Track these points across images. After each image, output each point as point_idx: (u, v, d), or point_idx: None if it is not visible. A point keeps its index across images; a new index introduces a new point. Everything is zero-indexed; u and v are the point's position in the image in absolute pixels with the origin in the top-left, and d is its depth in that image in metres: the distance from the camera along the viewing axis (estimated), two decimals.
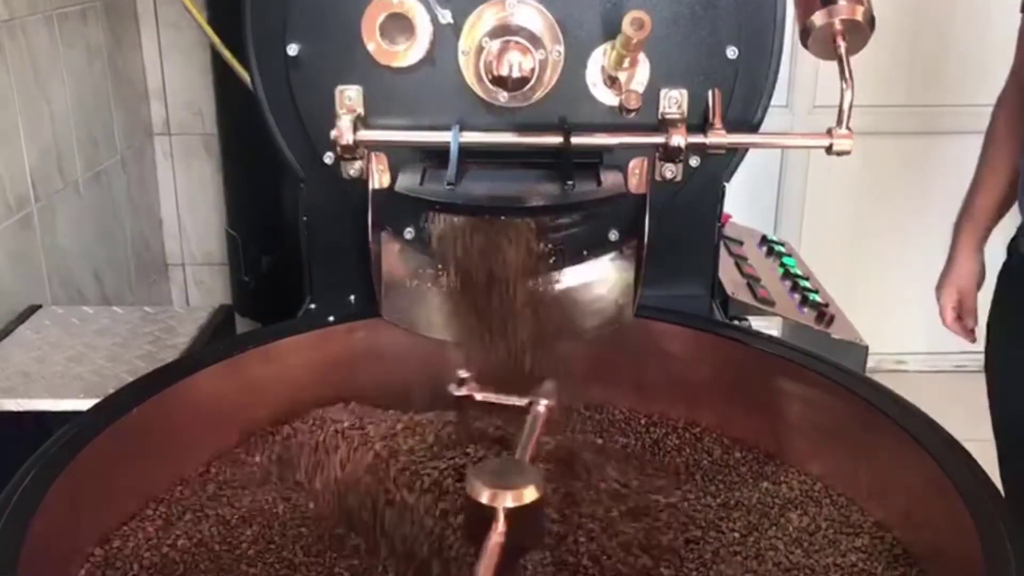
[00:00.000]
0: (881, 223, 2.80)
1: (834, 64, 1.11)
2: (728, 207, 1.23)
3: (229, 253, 2.33)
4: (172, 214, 2.53)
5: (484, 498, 0.81)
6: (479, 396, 1.03)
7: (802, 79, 2.61)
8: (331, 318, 1.16)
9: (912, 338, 2.85)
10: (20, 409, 1.32)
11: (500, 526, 0.80)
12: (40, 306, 1.67)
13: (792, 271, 1.67)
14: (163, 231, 2.54)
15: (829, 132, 1.08)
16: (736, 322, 1.36)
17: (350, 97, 1.12)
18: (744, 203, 1.25)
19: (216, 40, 1.89)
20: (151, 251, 2.48)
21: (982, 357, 2.90)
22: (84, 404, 1.31)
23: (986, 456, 0.93)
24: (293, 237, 1.35)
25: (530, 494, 0.82)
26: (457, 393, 1.03)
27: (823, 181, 2.72)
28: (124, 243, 2.28)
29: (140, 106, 2.39)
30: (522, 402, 1.01)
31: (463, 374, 1.03)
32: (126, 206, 2.29)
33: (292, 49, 1.11)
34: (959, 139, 2.71)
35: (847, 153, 1.08)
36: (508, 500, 0.81)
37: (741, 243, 1.77)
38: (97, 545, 0.91)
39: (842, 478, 1.01)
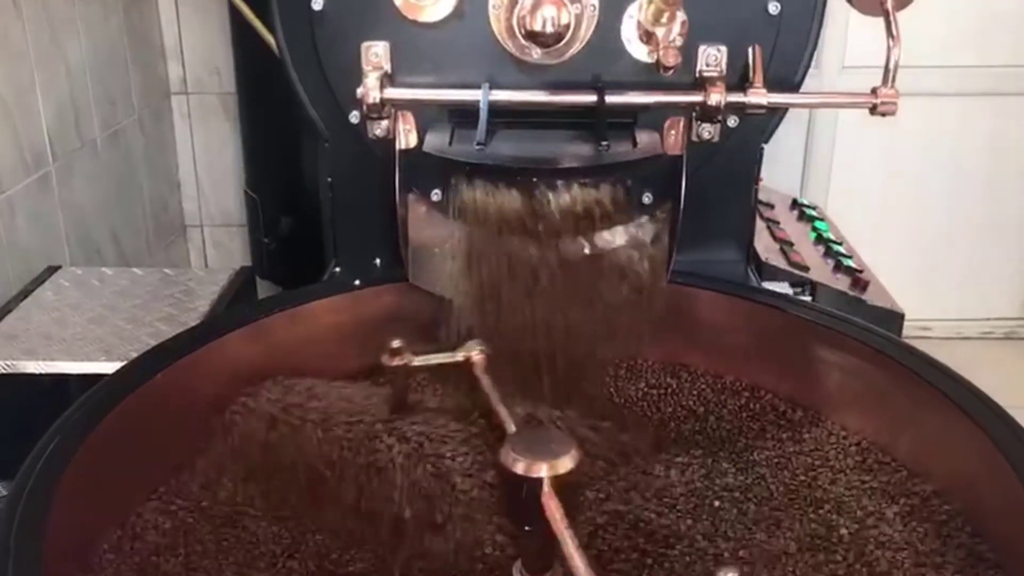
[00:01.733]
0: (909, 186, 2.74)
1: (864, 23, 1.06)
2: None
3: (248, 214, 2.30)
4: (190, 175, 2.50)
5: (520, 469, 0.78)
6: (417, 361, 0.94)
7: (831, 39, 2.54)
8: (357, 282, 1.14)
9: (938, 304, 2.81)
10: (41, 371, 1.31)
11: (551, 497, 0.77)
12: (59, 267, 1.65)
13: (825, 235, 1.64)
14: (181, 192, 2.52)
15: (874, 92, 1.04)
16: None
17: (376, 53, 1.08)
18: (769, 164, 1.21)
19: None
20: (169, 212, 2.45)
21: (1008, 324, 2.88)
22: (105, 367, 1.30)
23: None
24: (313, 199, 1.33)
25: (568, 462, 0.80)
26: (391, 364, 0.93)
27: (852, 142, 2.67)
28: (142, 203, 2.26)
29: (157, 64, 2.36)
30: (457, 357, 0.95)
31: (396, 344, 0.93)
32: (144, 166, 2.26)
33: (317, 3, 1.07)
34: (991, 100, 2.65)
35: (893, 114, 1.05)
36: (544, 470, 0.78)
37: (772, 206, 1.74)
38: (122, 510, 0.89)
39: (884, 447, 0.98)
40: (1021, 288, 2.85)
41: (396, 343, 0.92)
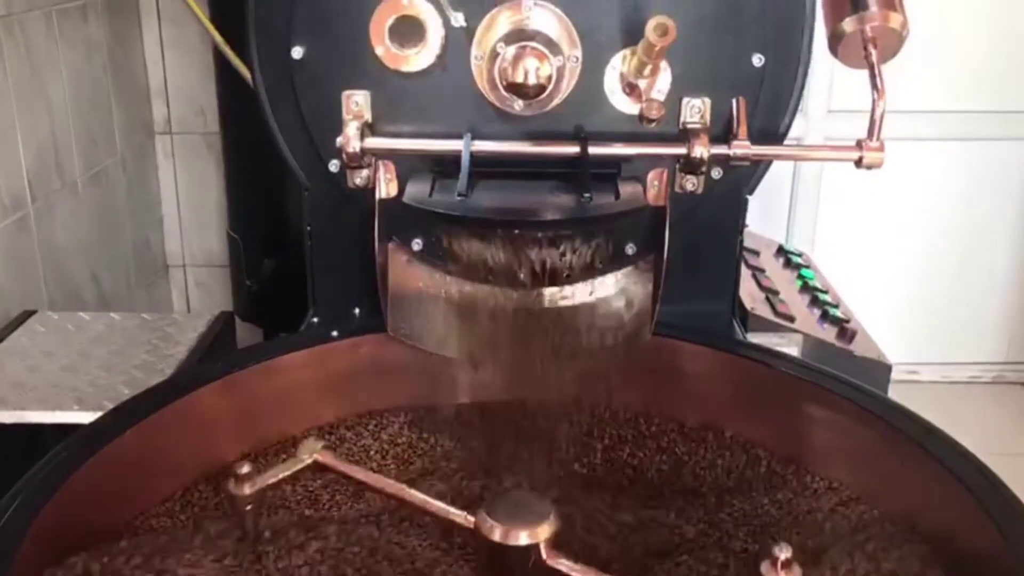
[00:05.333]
0: (894, 230, 2.74)
1: (849, 67, 1.05)
2: None
3: (231, 256, 2.28)
4: (173, 214, 2.48)
5: (497, 536, 0.76)
6: (267, 479, 0.86)
7: (816, 83, 2.55)
8: (334, 333, 1.12)
9: (925, 348, 2.80)
10: (12, 421, 1.28)
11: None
12: (35, 311, 1.63)
13: (811, 284, 1.62)
14: (163, 231, 2.50)
15: (859, 144, 1.03)
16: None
17: (357, 102, 1.07)
18: (755, 208, 1.21)
19: (219, 38, 1.84)
20: (151, 252, 2.43)
21: (995, 369, 2.87)
22: (78, 416, 1.27)
23: (1006, 469, 0.89)
24: (296, 241, 1.31)
25: (545, 530, 0.78)
26: (242, 492, 0.85)
27: (837, 186, 2.67)
28: (123, 244, 2.24)
29: (141, 104, 2.35)
30: (305, 460, 0.89)
31: (244, 469, 0.85)
32: (126, 206, 2.24)
33: (297, 52, 1.06)
34: (973, 145, 2.67)
35: (879, 167, 1.04)
36: (523, 538, 0.76)
37: (758, 253, 1.72)
38: (84, 566, 0.86)
39: (871, 509, 0.96)
40: (1008, 332, 2.84)
41: (244, 468, 0.85)
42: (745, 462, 1.05)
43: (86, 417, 1.27)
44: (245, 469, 0.85)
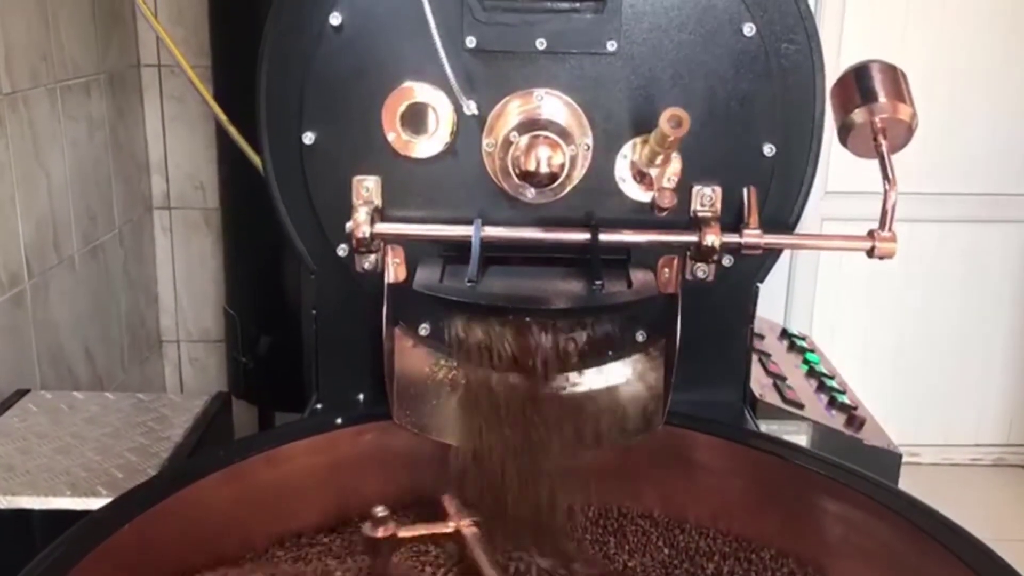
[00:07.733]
0: (894, 312, 2.74)
1: (858, 156, 1.06)
2: None
3: (226, 332, 2.25)
4: (169, 289, 2.46)
5: None
6: (404, 532, 0.89)
7: None
8: (339, 420, 1.09)
9: (925, 430, 2.78)
10: (3, 507, 1.24)
11: None
12: (28, 390, 1.59)
13: (817, 369, 1.61)
14: (159, 307, 2.48)
15: (871, 235, 1.03)
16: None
17: (367, 188, 1.07)
18: None
19: (223, 117, 1.84)
20: (145, 327, 2.41)
21: (996, 451, 2.85)
22: (71, 502, 1.24)
23: (1012, 555, 0.87)
24: (293, 319, 1.29)
25: None
26: (375, 535, 0.87)
27: (835, 269, 2.68)
28: (118, 319, 2.21)
29: (140, 179, 2.35)
30: (447, 527, 0.92)
31: (380, 512, 0.87)
32: (122, 281, 2.22)
33: (308, 138, 1.06)
34: (974, 228, 2.68)
35: (891, 256, 1.03)
36: None
37: (762, 337, 1.71)
38: None
39: None
40: (1008, 415, 2.83)
41: (380, 511, 0.85)
42: (762, 560, 1.02)
43: (79, 503, 1.24)
44: (380, 511, 0.85)
